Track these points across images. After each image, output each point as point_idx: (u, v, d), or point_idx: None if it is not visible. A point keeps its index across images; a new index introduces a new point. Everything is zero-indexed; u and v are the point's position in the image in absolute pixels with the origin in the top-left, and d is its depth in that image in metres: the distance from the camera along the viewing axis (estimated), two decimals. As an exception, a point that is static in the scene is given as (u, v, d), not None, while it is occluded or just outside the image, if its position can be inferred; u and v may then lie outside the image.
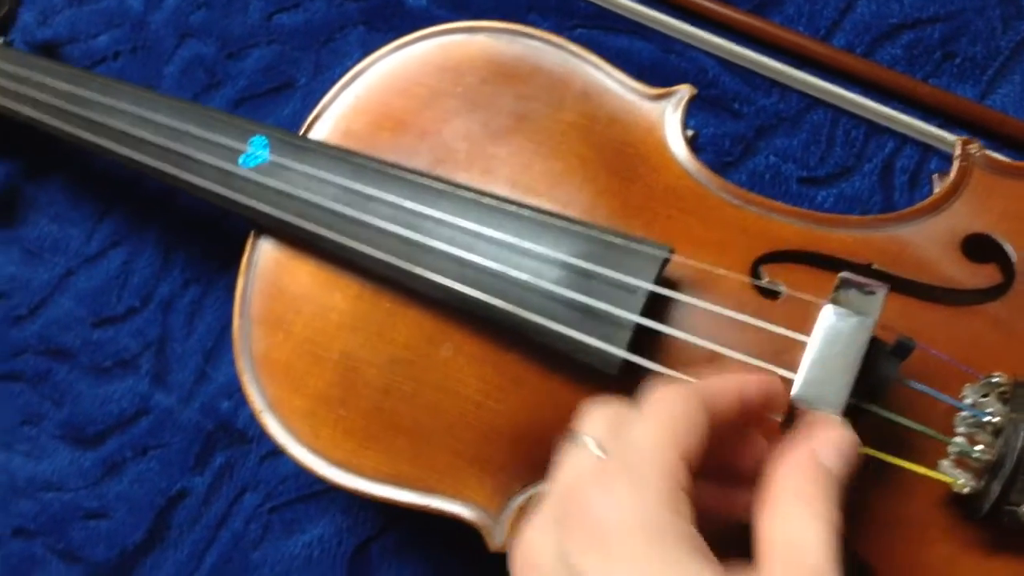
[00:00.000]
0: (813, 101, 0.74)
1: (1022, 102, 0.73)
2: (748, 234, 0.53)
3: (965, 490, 0.44)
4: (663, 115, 0.56)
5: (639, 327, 0.48)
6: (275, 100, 0.82)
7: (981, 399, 0.45)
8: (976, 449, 0.44)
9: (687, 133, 0.56)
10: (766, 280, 0.51)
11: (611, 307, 0.48)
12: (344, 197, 0.55)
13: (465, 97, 0.58)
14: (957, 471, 0.44)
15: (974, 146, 0.53)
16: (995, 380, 0.45)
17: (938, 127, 0.72)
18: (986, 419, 0.44)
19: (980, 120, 0.72)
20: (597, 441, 0.38)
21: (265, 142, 0.58)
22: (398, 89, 0.60)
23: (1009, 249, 0.51)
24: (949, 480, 0.44)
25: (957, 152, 0.53)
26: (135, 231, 0.81)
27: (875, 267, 0.51)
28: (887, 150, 0.73)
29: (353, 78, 0.61)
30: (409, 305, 0.55)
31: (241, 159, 0.58)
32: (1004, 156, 0.54)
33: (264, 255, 0.59)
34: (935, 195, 0.53)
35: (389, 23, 0.82)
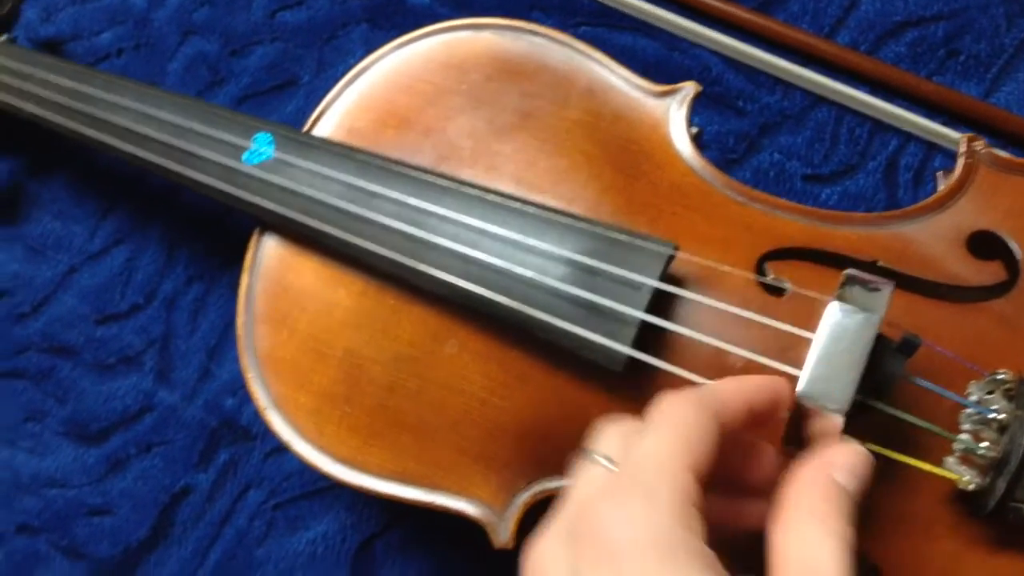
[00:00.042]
0: (817, 99, 0.74)
1: (1026, 100, 0.73)
2: (753, 231, 0.53)
3: (970, 487, 0.44)
4: (668, 112, 0.56)
5: (644, 324, 0.48)
6: (278, 97, 0.82)
7: (986, 396, 0.45)
8: (981, 446, 0.43)
9: (692, 130, 0.56)
10: (771, 277, 0.51)
11: (616, 304, 0.48)
12: (348, 194, 0.55)
13: (470, 94, 0.58)
14: (962, 468, 0.44)
15: (979, 143, 0.53)
16: (1000, 377, 0.45)
17: (942, 125, 0.72)
18: (991, 416, 0.44)
19: (984, 118, 0.72)
20: (609, 457, 0.38)
21: (270, 139, 0.58)
22: (402, 86, 0.60)
23: (1014, 246, 0.50)
24: (954, 477, 0.44)
25: (962, 149, 0.53)
26: (138, 228, 0.81)
27: (880, 264, 0.51)
28: (891, 148, 0.73)
29: (357, 75, 0.61)
30: (413, 302, 0.55)
31: (245, 156, 0.58)
32: (1008, 153, 0.54)
33: (268, 252, 0.59)
34: (940, 192, 0.53)
35: (392, 21, 0.82)
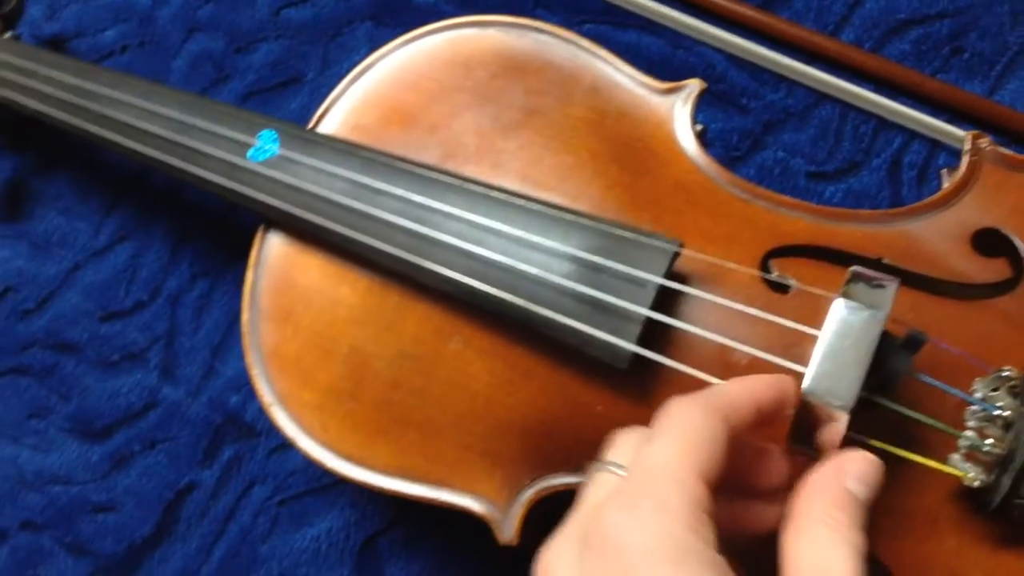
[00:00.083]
0: (821, 96, 0.74)
1: (1030, 98, 0.73)
2: (757, 228, 0.53)
3: (975, 484, 0.44)
4: (672, 109, 0.56)
5: (649, 321, 0.48)
6: (283, 94, 0.82)
7: (991, 393, 0.45)
8: (986, 443, 0.43)
9: (696, 128, 0.56)
10: (776, 274, 0.51)
11: (621, 301, 0.48)
12: (353, 191, 0.55)
13: (475, 91, 0.58)
14: (967, 465, 0.44)
15: (984, 140, 0.53)
16: (1005, 374, 0.45)
17: (946, 122, 0.72)
18: (996, 413, 0.44)
19: (988, 115, 0.72)
20: (620, 464, 0.39)
21: (274, 136, 0.58)
22: (408, 83, 0.60)
23: (1019, 244, 0.51)
24: (959, 474, 0.44)
25: (967, 146, 0.53)
26: (143, 225, 0.81)
27: (885, 261, 0.51)
28: (895, 145, 0.73)
29: (362, 72, 0.61)
30: (418, 299, 0.55)
31: (250, 153, 0.58)
32: (1013, 151, 0.54)
33: (273, 249, 0.59)
34: (945, 190, 0.53)
35: (397, 18, 0.82)
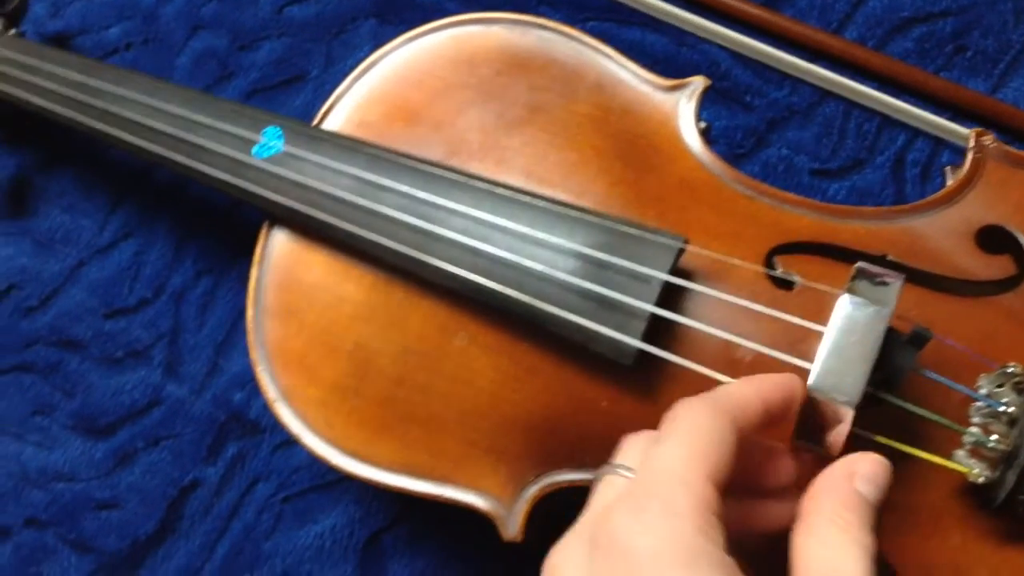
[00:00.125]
0: (825, 94, 0.74)
1: (1034, 96, 0.73)
2: (762, 225, 0.53)
3: (980, 480, 0.44)
4: (677, 106, 0.56)
5: (654, 317, 0.48)
6: (286, 92, 0.82)
7: (996, 389, 0.45)
8: (991, 439, 0.44)
9: (700, 125, 0.56)
10: (780, 271, 0.51)
11: (626, 297, 0.48)
12: (358, 187, 0.56)
13: (479, 88, 0.58)
14: (972, 461, 0.44)
15: (988, 137, 0.53)
16: (1010, 370, 0.45)
17: (949, 120, 0.72)
18: (1001, 409, 0.44)
19: (992, 113, 0.72)
20: (628, 467, 0.39)
21: (279, 132, 0.58)
22: (412, 80, 0.60)
23: (1023, 240, 0.51)
24: (964, 470, 0.44)
25: (971, 143, 0.53)
26: (147, 222, 0.81)
27: (889, 258, 0.51)
28: (899, 143, 0.73)
29: (366, 69, 0.61)
30: (423, 295, 0.55)
31: (255, 149, 0.59)
32: (1016, 149, 0.54)
33: (278, 246, 0.59)
34: (949, 186, 0.53)
35: (401, 16, 0.82)
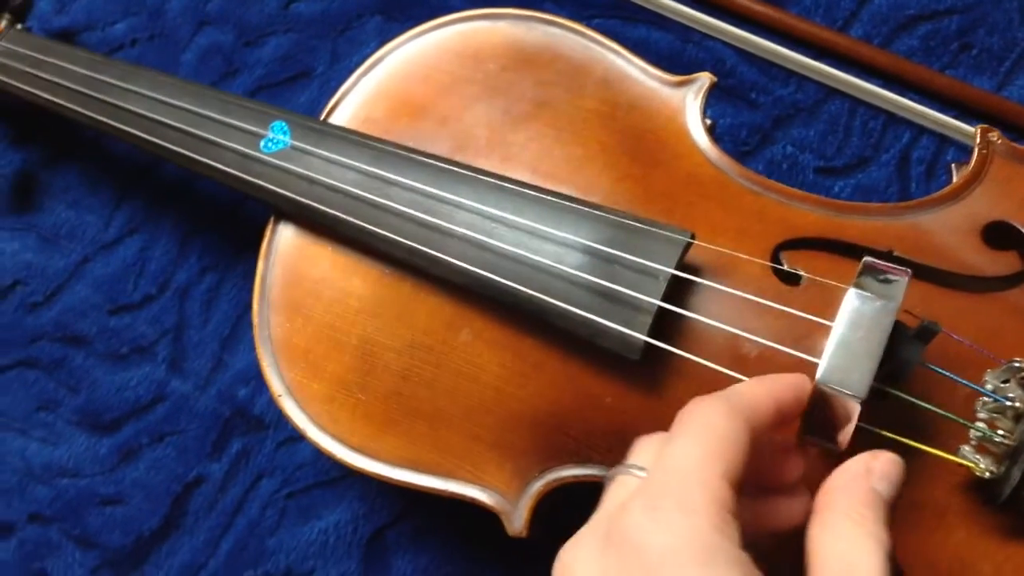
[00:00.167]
0: (830, 91, 0.74)
1: (1039, 93, 0.73)
2: (768, 221, 0.53)
3: (986, 475, 0.44)
4: (684, 102, 0.56)
5: (661, 312, 0.48)
6: (292, 88, 0.82)
7: (1002, 384, 0.45)
8: (998, 434, 0.44)
9: (705, 122, 0.56)
10: (787, 266, 0.51)
11: (633, 292, 0.48)
12: (364, 182, 0.56)
13: (485, 84, 0.59)
14: (978, 456, 0.44)
15: (994, 134, 0.53)
16: (1016, 365, 0.45)
17: (955, 118, 0.72)
18: (1008, 404, 0.44)
19: (997, 111, 0.72)
20: (641, 467, 0.39)
21: (285, 127, 0.59)
22: (418, 76, 0.60)
23: (1030, 236, 0.51)
24: (970, 465, 0.44)
25: (977, 140, 0.53)
26: (152, 218, 0.81)
27: (896, 254, 0.51)
28: (904, 140, 0.73)
29: (373, 65, 0.61)
30: (429, 291, 0.55)
31: (262, 144, 0.59)
32: (1022, 146, 0.54)
33: (284, 240, 0.59)
34: (955, 183, 0.53)
35: (406, 12, 0.82)
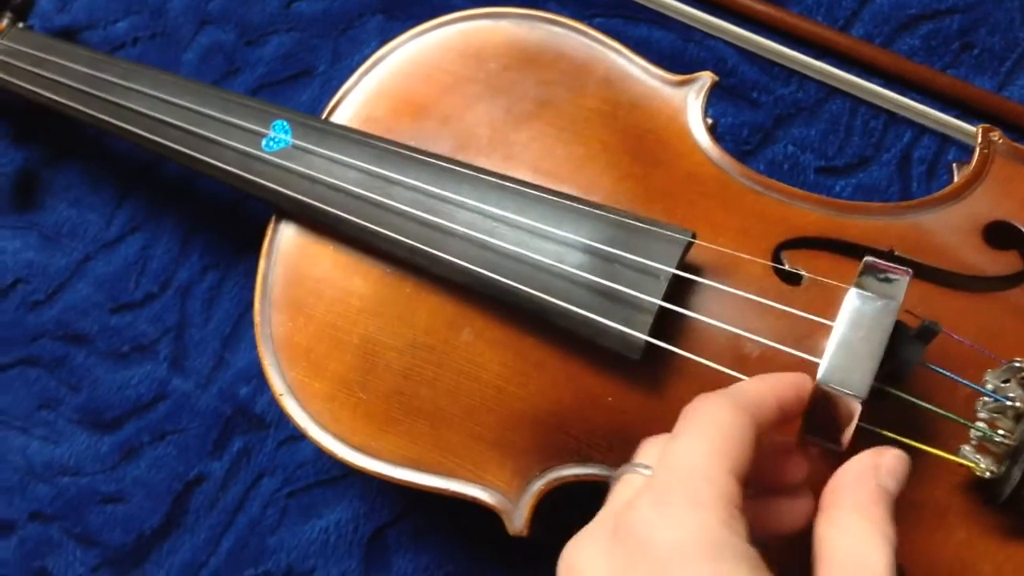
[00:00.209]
0: (831, 91, 0.74)
1: (1040, 93, 0.73)
2: (769, 220, 0.53)
3: (986, 475, 0.44)
4: (685, 101, 0.56)
5: (662, 311, 0.48)
6: (293, 87, 0.82)
7: (1002, 384, 0.45)
8: (998, 434, 0.44)
9: (707, 122, 0.56)
10: (788, 266, 0.51)
11: (634, 291, 0.48)
12: (366, 181, 0.56)
13: (487, 83, 0.59)
14: (978, 456, 0.44)
15: (996, 134, 0.53)
16: (1017, 365, 0.45)
17: (956, 118, 0.72)
18: (1008, 404, 0.44)
19: (998, 111, 0.72)
20: (647, 466, 0.39)
21: (287, 126, 0.59)
22: (420, 75, 0.60)
23: (1031, 236, 0.51)
24: (971, 465, 0.44)
25: (979, 139, 0.53)
26: (154, 217, 0.81)
27: (897, 254, 0.51)
28: (905, 140, 0.73)
29: (374, 64, 0.61)
30: (430, 290, 0.55)
31: (264, 142, 0.59)
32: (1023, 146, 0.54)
33: (286, 239, 0.59)
34: (956, 183, 0.53)
35: (407, 11, 0.82)
